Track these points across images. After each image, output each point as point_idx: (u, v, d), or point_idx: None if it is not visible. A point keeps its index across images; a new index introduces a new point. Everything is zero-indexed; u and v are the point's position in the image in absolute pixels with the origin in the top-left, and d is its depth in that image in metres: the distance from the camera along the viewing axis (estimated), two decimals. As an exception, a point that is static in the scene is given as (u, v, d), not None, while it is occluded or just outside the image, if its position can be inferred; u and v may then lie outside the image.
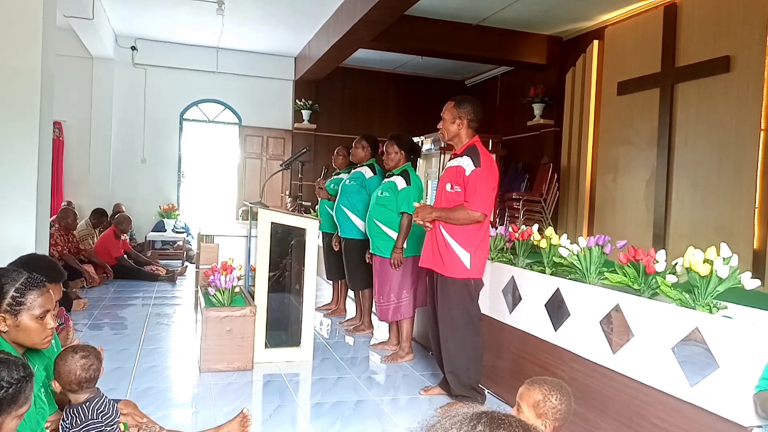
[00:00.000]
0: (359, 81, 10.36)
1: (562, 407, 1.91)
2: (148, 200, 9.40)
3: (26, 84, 4.06)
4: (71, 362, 2.11)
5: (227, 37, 8.77)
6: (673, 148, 6.31)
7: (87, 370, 2.12)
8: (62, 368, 2.10)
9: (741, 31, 5.55)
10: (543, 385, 1.95)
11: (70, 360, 2.12)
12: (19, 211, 4.03)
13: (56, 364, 2.12)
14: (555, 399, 1.91)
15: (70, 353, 2.14)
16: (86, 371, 2.12)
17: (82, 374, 2.11)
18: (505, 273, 3.52)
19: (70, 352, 2.15)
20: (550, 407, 1.91)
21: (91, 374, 2.14)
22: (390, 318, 4.25)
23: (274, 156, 10.05)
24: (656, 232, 6.39)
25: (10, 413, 1.45)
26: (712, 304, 2.26)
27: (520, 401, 1.97)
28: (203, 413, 3.14)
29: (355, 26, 6.61)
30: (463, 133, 3.27)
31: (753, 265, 5.21)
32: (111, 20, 8.46)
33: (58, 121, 8.60)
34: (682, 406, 2.23)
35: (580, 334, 2.85)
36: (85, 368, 2.12)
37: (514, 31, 8.00)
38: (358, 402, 3.39)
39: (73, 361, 2.12)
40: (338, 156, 5.61)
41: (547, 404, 1.91)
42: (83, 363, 2.13)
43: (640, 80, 6.71)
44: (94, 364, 2.15)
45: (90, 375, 2.13)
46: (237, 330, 3.83)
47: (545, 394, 1.92)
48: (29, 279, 1.92)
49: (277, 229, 4.13)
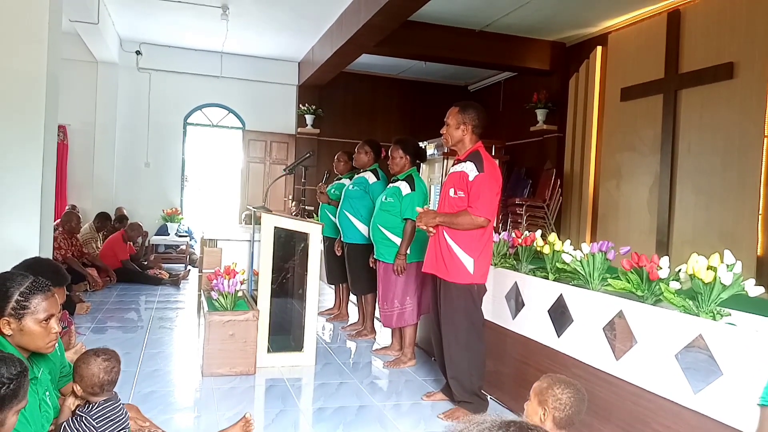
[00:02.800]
0: (362, 86, 10.38)
1: (563, 398, 1.93)
2: (151, 204, 9.43)
3: (31, 88, 4.08)
4: (94, 365, 2.13)
5: (231, 41, 8.80)
6: (677, 155, 6.30)
7: (109, 372, 2.15)
8: (85, 371, 2.12)
9: (744, 37, 5.55)
10: (553, 377, 2.00)
11: (93, 363, 2.13)
12: (24, 214, 4.04)
13: (78, 367, 2.14)
14: (558, 389, 1.94)
15: (92, 357, 2.16)
16: (108, 374, 2.15)
17: (105, 377, 2.14)
18: (508, 278, 3.52)
19: (92, 356, 2.17)
20: (551, 395, 1.94)
21: (113, 377, 2.17)
22: (394, 324, 4.25)
23: (277, 160, 10.07)
24: (659, 239, 6.38)
25: (11, 408, 1.50)
26: (716, 311, 2.25)
27: (532, 393, 2.01)
28: (205, 417, 3.14)
29: (358, 32, 6.63)
30: (467, 139, 3.27)
31: (757, 272, 5.19)
32: (116, 25, 8.50)
33: (63, 125, 8.65)
34: (686, 413, 2.22)
35: (583, 341, 2.84)
36: (107, 371, 2.15)
37: (517, 37, 8.01)
38: (360, 407, 3.38)
39: (96, 364, 2.13)
40: (339, 161, 5.62)
41: (548, 392, 1.94)
42: (105, 366, 2.15)
43: (643, 86, 6.71)
44: (115, 367, 2.18)
45: (111, 378, 2.16)
46: (240, 334, 3.83)
47: (550, 384, 1.96)
48: (34, 283, 1.92)
49: (280, 234, 4.14)
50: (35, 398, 1.94)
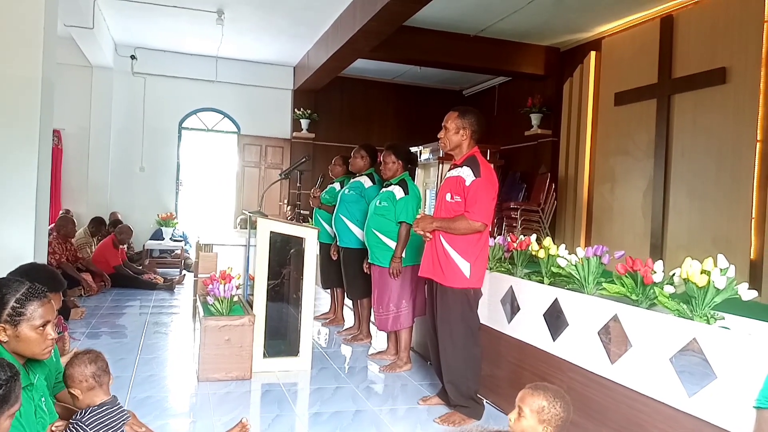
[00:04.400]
0: (358, 90, 10.41)
1: (564, 415, 1.98)
2: (146, 209, 9.40)
3: (27, 92, 4.07)
4: (77, 362, 2.18)
5: (227, 46, 8.81)
6: (670, 159, 6.34)
7: (95, 361, 2.19)
8: (74, 370, 2.16)
9: (737, 43, 5.60)
10: (547, 391, 2.01)
11: (76, 361, 2.19)
12: (18, 219, 4.03)
13: (67, 373, 2.17)
14: (559, 406, 1.97)
15: (74, 358, 2.22)
16: (94, 362, 2.18)
17: (92, 367, 2.17)
18: (503, 283, 3.53)
19: (73, 358, 2.22)
20: (553, 414, 1.96)
21: (101, 365, 2.20)
22: (389, 328, 4.25)
23: (272, 165, 10.08)
24: (653, 242, 6.41)
25: (4, 413, 1.51)
26: (710, 314, 2.27)
27: (522, 405, 2.01)
28: (201, 423, 3.13)
29: (354, 36, 6.66)
30: (465, 144, 3.28)
31: (750, 276, 5.22)
32: (111, 29, 8.50)
33: (57, 130, 8.62)
34: (680, 416, 2.23)
35: (578, 344, 2.85)
36: (92, 360, 2.19)
37: (512, 42, 8.06)
38: (356, 412, 3.38)
39: (79, 359, 2.19)
40: (336, 165, 5.63)
41: (551, 411, 1.96)
42: (88, 356, 2.20)
43: (637, 91, 6.76)
44: (99, 356, 2.22)
45: (99, 365, 2.19)
46: (235, 339, 3.82)
47: (550, 401, 1.97)
48: (30, 289, 1.92)
49: (276, 239, 4.14)
50: (31, 404, 1.93)
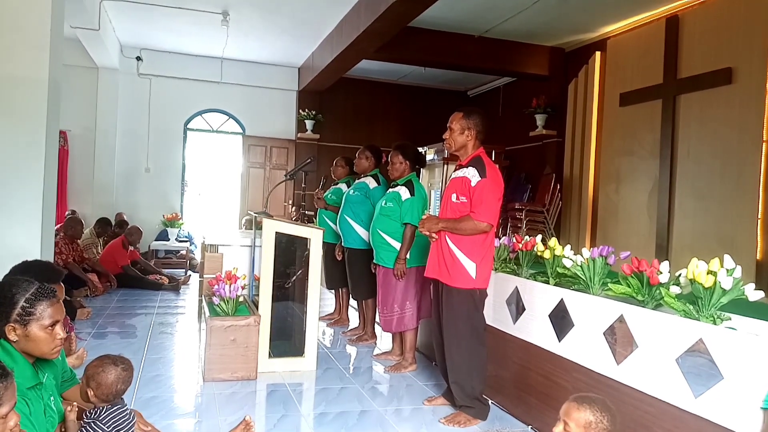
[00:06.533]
0: (362, 91, 10.41)
1: (612, 428, 1.91)
2: (151, 209, 9.44)
3: (34, 94, 4.10)
4: (113, 374, 2.14)
5: (231, 47, 8.83)
6: (676, 159, 6.32)
7: (126, 382, 2.18)
8: (102, 379, 2.12)
9: (742, 43, 5.58)
10: (593, 405, 1.94)
11: (112, 372, 2.14)
12: (25, 220, 4.05)
13: (96, 374, 2.14)
14: (607, 421, 1.91)
15: (111, 365, 2.16)
16: (125, 383, 2.17)
17: (122, 387, 2.16)
18: (508, 283, 3.53)
19: (110, 364, 2.17)
20: (601, 429, 1.90)
21: (127, 386, 2.19)
22: (394, 329, 4.25)
23: (277, 166, 10.10)
24: (659, 243, 6.39)
25: None
26: (716, 315, 2.27)
27: (567, 419, 1.95)
28: (207, 422, 3.14)
29: (359, 37, 6.66)
30: (470, 145, 3.28)
31: (756, 276, 5.20)
32: (116, 31, 8.53)
33: (63, 131, 8.65)
34: (686, 417, 2.23)
35: (584, 345, 2.85)
36: (125, 381, 2.17)
37: (516, 43, 8.05)
38: (361, 412, 3.39)
39: (115, 373, 2.14)
40: (338, 166, 5.64)
41: (599, 426, 1.91)
42: (124, 376, 2.17)
43: (642, 91, 6.74)
44: (131, 377, 2.20)
45: (126, 387, 2.19)
46: (241, 339, 3.83)
47: (597, 415, 1.92)
48: (39, 289, 1.94)
49: (281, 239, 4.15)
50: (40, 403, 1.95)
